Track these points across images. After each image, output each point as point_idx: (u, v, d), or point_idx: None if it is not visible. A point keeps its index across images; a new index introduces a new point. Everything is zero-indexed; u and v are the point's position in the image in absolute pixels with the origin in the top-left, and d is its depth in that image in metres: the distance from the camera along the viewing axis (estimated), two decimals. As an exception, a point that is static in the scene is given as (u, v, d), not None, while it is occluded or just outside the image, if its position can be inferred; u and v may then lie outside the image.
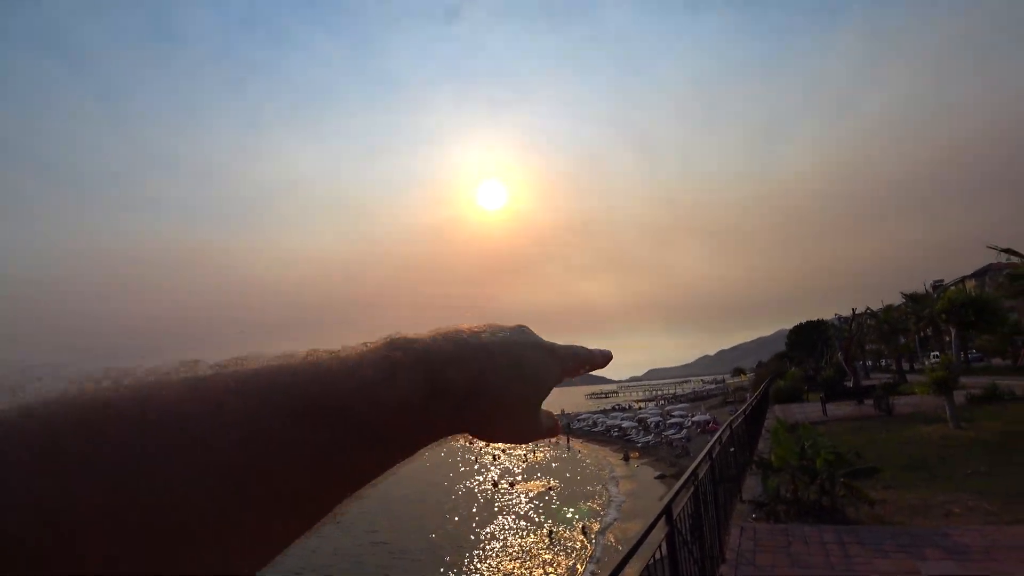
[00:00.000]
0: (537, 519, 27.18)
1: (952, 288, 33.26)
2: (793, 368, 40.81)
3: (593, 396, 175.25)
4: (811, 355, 47.98)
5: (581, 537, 23.17)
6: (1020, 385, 19.14)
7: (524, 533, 25.28)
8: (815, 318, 62.77)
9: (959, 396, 15.12)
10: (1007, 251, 18.96)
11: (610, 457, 42.41)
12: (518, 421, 0.35)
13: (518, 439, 0.37)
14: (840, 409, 20.36)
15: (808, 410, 21.81)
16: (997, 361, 33.08)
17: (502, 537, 24.73)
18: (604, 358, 0.43)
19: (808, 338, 57.06)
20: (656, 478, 30.84)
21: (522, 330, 0.38)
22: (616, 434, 51.02)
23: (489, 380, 0.32)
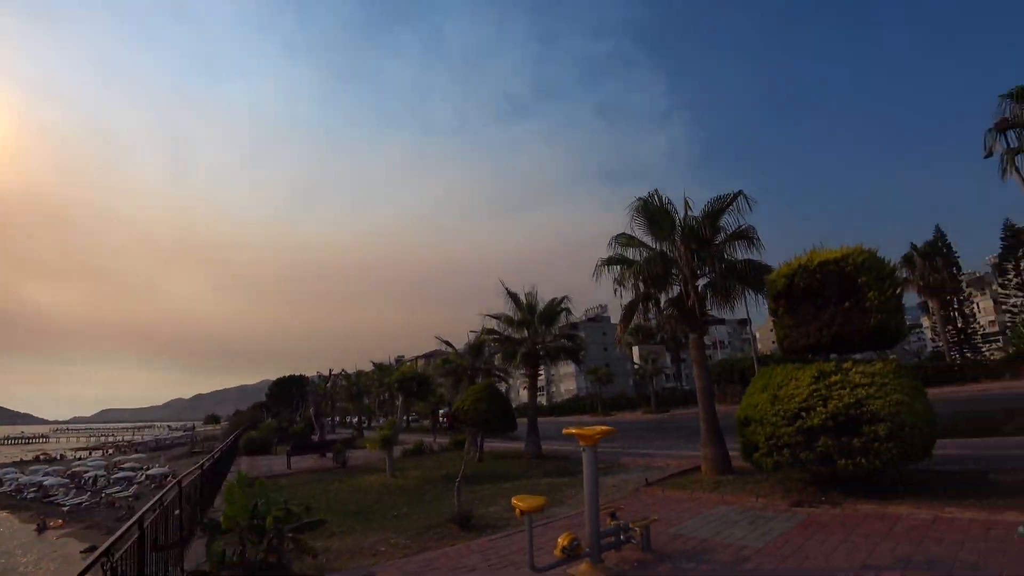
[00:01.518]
0: None
1: (405, 364, 41.52)
2: (270, 419, 40.94)
3: (9, 441, 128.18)
4: (289, 407, 49.51)
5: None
6: (439, 443, 24.97)
7: None
8: (300, 372, 65.83)
9: (397, 451, 18.34)
10: (445, 342, 25.61)
11: (16, 528, 30.59)
12: None
13: None
14: (305, 462, 21.31)
15: (275, 463, 21.92)
16: (426, 423, 42.37)
17: None
18: None
19: (288, 391, 58.91)
20: (83, 551, 24.08)
21: None
22: (32, 495, 37.72)
23: None
